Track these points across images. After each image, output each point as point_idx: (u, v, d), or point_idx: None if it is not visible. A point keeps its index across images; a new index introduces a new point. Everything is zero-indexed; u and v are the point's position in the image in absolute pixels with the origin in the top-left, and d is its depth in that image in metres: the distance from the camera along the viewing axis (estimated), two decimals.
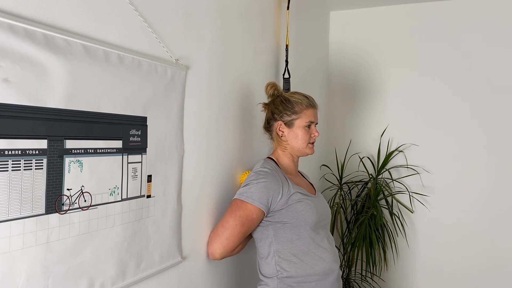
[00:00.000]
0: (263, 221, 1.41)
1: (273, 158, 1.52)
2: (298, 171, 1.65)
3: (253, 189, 1.37)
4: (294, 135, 1.47)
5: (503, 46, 2.44)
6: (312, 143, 1.51)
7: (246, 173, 1.62)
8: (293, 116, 1.46)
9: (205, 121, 1.40)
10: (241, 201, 1.37)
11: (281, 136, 1.49)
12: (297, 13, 2.21)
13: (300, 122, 1.47)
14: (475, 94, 2.50)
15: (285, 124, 1.48)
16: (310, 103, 1.49)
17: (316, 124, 1.52)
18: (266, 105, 1.56)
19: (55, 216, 0.86)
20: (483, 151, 2.48)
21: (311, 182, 1.67)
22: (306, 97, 1.50)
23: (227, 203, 1.52)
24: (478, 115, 2.49)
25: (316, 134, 1.50)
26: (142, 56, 1.08)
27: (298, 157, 1.55)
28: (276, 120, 1.50)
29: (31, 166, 0.81)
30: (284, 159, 1.52)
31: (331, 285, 1.41)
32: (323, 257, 1.40)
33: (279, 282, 1.37)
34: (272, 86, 1.54)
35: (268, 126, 1.55)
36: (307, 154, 1.52)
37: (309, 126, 1.48)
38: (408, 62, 2.65)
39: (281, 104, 1.49)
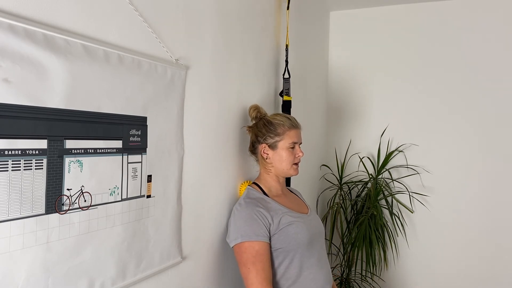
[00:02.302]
0: None
1: (258, 183, 1.52)
2: (289, 189, 1.66)
3: (241, 226, 1.36)
4: (278, 157, 1.48)
5: (504, 46, 2.44)
6: (297, 164, 1.51)
7: (245, 182, 1.61)
8: (276, 138, 1.47)
9: (205, 121, 1.40)
10: (239, 246, 1.35)
11: (266, 159, 1.50)
12: (297, 13, 2.20)
13: (283, 143, 1.47)
14: (476, 94, 2.49)
15: (269, 146, 1.49)
16: (293, 124, 1.49)
17: (300, 144, 1.53)
18: (250, 128, 1.56)
19: (55, 216, 0.86)
20: (483, 151, 2.48)
21: (304, 200, 1.66)
22: (289, 118, 1.51)
23: (227, 203, 1.52)
24: (478, 115, 2.49)
25: (301, 154, 1.50)
26: (142, 56, 1.08)
27: (284, 177, 1.56)
28: (260, 142, 1.50)
29: (31, 166, 0.81)
30: (270, 182, 1.52)
31: None
32: (315, 279, 1.39)
33: None
34: (255, 109, 1.55)
35: (253, 149, 1.55)
36: (291, 175, 1.52)
37: (292, 147, 1.48)
38: (409, 61, 2.65)
39: (264, 126, 1.49)
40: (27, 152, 0.80)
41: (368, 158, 2.72)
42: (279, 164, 1.48)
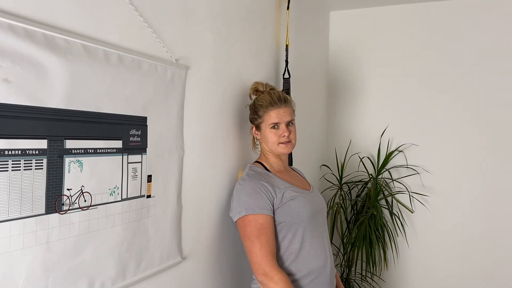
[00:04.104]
0: None
1: (260, 161, 1.53)
2: (292, 168, 1.66)
3: (245, 199, 1.35)
4: (264, 137, 1.49)
5: (506, 45, 2.44)
6: (285, 143, 1.45)
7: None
8: (259, 120, 1.48)
9: (205, 121, 1.40)
10: (242, 219, 1.34)
11: (258, 139, 1.54)
12: (297, 13, 2.20)
13: (264, 125, 1.47)
14: (476, 94, 2.50)
15: (256, 127, 1.51)
16: (272, 103, 1.44)
17: (291, 121, 1.47)
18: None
19: (55, 216, 0.86)
20: (483, 151, 2.48)
21: (306, 178, 1.67)
22: (271, 97, 1.46)
23: (227, 203, 1.52)
24: (478, 115, 2.49)
25: (285, 134, 1.43)
26: (142, 56, 1.08)
27: (286, 155, 1.56)
28: (251, 123, 1.54)
29: (31, 166, 0.81)
30: (271, 158, 1.52)
31: (325, 282, 1.41)
32: (317, 255, 1.40)
33: None
34: (253, 88, 1.55)
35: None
36: (282, 154, 1.49)
37: (274, 127, 1.45)
38: (409, 62, 2.65)
39: (251, 108, 1.53)
40: (27, 152, 0.80)
41: (368, 158, 2.72)
42: (265, 145, 1.50)
